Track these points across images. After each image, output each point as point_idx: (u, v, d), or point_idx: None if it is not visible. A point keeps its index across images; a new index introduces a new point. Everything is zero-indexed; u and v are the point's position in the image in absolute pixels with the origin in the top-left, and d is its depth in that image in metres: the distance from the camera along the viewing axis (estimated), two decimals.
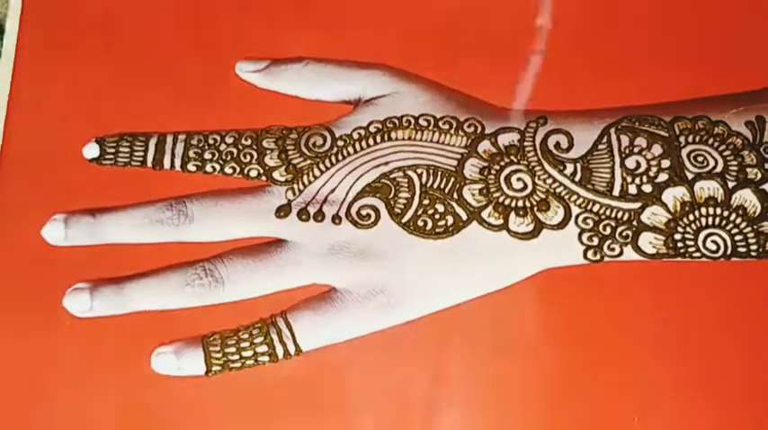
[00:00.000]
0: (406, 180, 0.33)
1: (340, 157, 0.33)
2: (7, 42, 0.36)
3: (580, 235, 0.31)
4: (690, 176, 0.31)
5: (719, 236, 0.31)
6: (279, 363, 0.32)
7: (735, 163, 0.31)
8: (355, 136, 0.33)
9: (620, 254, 0.31)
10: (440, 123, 0.33)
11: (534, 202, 0.32)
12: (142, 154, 0.34)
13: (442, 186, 0.32)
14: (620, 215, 0.31)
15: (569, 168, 0.32)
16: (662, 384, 0.32)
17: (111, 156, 0.34)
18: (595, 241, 0.31)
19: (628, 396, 0.32)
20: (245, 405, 0.32)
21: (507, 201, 0.32)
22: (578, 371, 0.32)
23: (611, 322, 0.32)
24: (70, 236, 0.33)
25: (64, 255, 0.33)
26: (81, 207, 0.33)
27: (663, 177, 0.31)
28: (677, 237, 0.31)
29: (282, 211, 0.33)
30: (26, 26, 0.36)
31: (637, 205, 0.31)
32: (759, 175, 0.31)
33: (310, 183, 0.33)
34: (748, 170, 0.31)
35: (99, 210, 0.33)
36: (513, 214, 0.32)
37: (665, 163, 0.32)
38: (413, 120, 0.33)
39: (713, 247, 0.31)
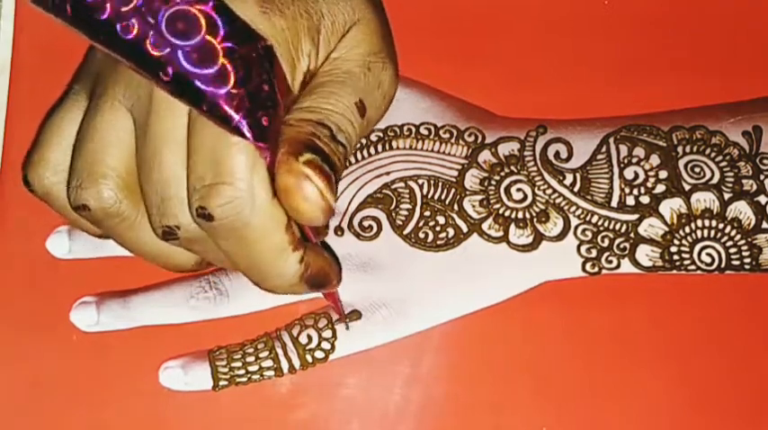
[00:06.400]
0: (407, 191, 0.33)
1: None
2: (3, 49, 0.35)
3: (579, 247, 0.32)
4: (687, 188, 0.32)
5: (714, 248, 0.31)
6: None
7: (731, 174, 0.32)
8: (356, 145, 0.33)
9: (618, 266, 0.32)
10: (440, 132, 0.33)
11: (534, 214, 0.32)
12: None
13: (442, 197, 0.33)
14: (617, 227, 0.32)
15: (569, 178, 0.32)
16: (658, 396, 0.33)
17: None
18: (594, 253, 0.32)
19: (624, 408, 0.33)
20: (249, 419, 0.33)
21: (507, 213, 0.32)
22: (574, 386, 0.33)
23: (609, 336, 0.33)
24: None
25: (68, 268, 0.34)
26: None
27: (660, 188, 0.32)
28: (673, 249, 0.32)
29: None
30: (20, 31, 0.36)
31: (634, 217, 0.32)
32: (755, 187, 0.31)
33: None
34: (744, 181, 0.32)
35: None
36: (513, 226, 0.32)
37: (663, 174, 0.32)
38: (414, 129, 0.33)
39: (708, 260, 0.31)
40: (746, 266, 0.32)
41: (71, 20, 0.21)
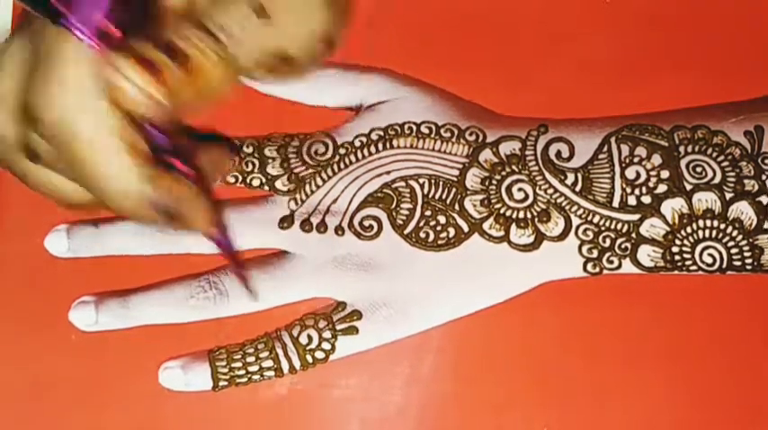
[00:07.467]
0: (408, 190, 0.33)
1: (342, 166, 0.33)
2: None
3: (580, 247, 0.32)
4: (688, 187, 0.31)
5: (716, 249, 0.31)
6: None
7: (732, 174, 0.32)
8: (357, 143, 0.33)
9: (619, 266, 0.32)
10: (441, 131, 0.33)
11: (535, 213, 0.32)
12: None
13: (443, 197, 0.33)
14: (619, 227, 0.32)
15: (570, 178, 0.32)
16: (659, 396, 0.33)
17: None
18: (595, 253, 0.32)
19: (625, 407, 0.33)
20: (249, 419, 0.33)
21: (508, 213, 0.32)
22: (575, 386, 0.33)
23: (610, 336, 0.33)
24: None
25: (67, 267, 0.33)
26: (83, 217, 0.33)
27: (662, 188, 0.32)
28: (675, 250, 0.31)
29: (285, 222, 0.33)
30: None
31: (636, 217, 0.32)
32: (756, 187, 0.31)
33: (312, 193, 0.33)
34: (746, 181, 0.31)
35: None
36: (514, 226, 0.32)
37: (665, 173, 0.32)
38: (414, 128, 0.33)
39: (709, 260, 0.31)
40: (748, 267, 0.32)
41: None
